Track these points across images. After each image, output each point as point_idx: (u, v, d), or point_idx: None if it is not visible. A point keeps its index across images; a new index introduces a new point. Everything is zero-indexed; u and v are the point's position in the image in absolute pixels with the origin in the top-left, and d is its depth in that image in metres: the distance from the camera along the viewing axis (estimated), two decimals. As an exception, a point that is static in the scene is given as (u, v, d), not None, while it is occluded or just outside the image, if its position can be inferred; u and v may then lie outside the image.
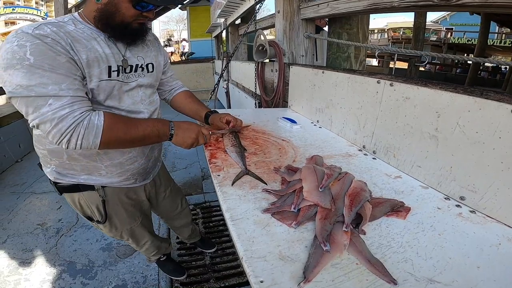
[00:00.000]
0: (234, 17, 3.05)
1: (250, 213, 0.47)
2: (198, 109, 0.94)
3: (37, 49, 0.51)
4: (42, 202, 2.06)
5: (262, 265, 0.35)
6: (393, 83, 0.71)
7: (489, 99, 0.50)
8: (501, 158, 0.48)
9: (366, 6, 1.02)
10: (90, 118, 0.55)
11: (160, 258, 1.34)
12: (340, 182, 0.53)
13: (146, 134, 0.63)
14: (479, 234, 0.45)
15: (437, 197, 0.57)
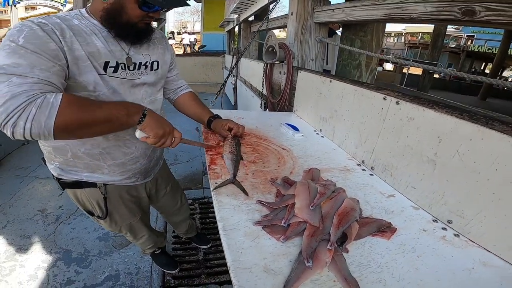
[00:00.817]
0: (248, 14, 3.07)
1: (242, 224, 0.51)
2: (202, 113, 0.97)
3: (33, 34, 0.52)
4: (44, 188, 2.17)
5: (247, 276, 0.40)
6: (400, 101, 0.73)
7: (493, 129, 0.52)
8: (493, 189, 0.51)
9: (383, 15, 1.03)
10: (46, 96, 0.49)
11: (155, 251, 1.42)
12: (332, 201, 0.56)
13: (112, 114, 0.56)
14: (456, 257, 0.49)
15: (425, 219, 0.61)
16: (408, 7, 0.93)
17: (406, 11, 0.94)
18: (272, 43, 1.58)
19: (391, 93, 0.77)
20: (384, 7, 1.03)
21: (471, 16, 0.75)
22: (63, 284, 1.33)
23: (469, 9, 0.75)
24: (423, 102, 0.68)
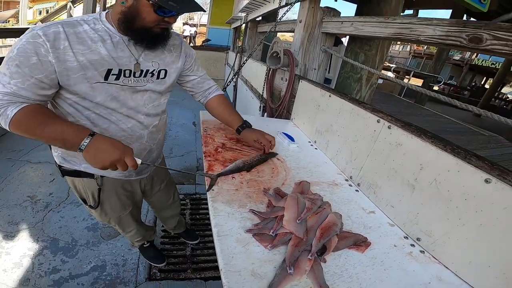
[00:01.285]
0: (256, 15, 3.10)
1: (235, 231, 0.58)
2: (230, 120, 0.99)
3: (24, 47, 0.61)
4: (35, 173, 2.17)
5: (236, 278, 0.47)
6: (391, 126, 0.79)
7: (469, 164, 0.59)
8: (460, 216, 0.59)
9: (391, 33, 1.07)
10: (7, 108, 0.62)
11: (143, 245, 1.49)
12: (317, 216, 0.64)
13: (50, 138, 0.64)
14: (417, 272, 0.57)
15: (398, 235, 0.69)
16: (418, 28, 0.96)
17: (415, 33, 0.97)
18: (278, 49, 1.62)
19: (385, 117, 0.84)
20: (393, 26, 1.06)
21: (476, 43, 0.79)
22: (48, 273, 1.36)
23: (477, 36, 0.78)
24: (413, 130, 0.74)
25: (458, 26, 0.83)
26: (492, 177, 0.55)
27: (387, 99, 4.80)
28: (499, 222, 0.53)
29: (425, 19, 0.94)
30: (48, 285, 1.30)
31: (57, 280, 1.33)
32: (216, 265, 1.56)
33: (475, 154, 0.62)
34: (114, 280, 1.37)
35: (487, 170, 0.56)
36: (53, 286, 1.30)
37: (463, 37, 0.81)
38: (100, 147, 0.63)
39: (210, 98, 1.01)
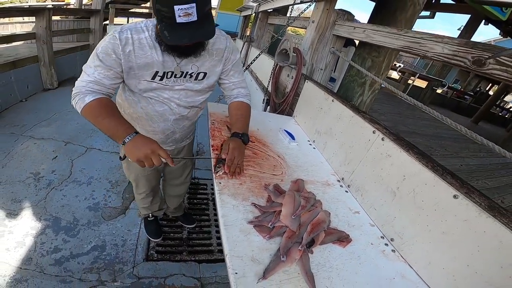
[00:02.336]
0: (268, 7, 3.06)
1: (238, 221, 0.70)
2: (234, 125, 1.02)
3: (105, 47, 0.82)
4: (38, 149, 2.23)
5: (238, 262, 0.59)
6: (385, 138, 0.89)
7: (444, 180, 0.70)
8: (428, 223, 0.72)
9: (401, 46, 1.11)
10: (86, 96, 0.81)
11: (148, 217, 1.64)
12: (310, 213, 0.76)
13: (105, 129, 0.79)
14: (386, 268, 0.71)
15: (375, 235, 0.82)
16: (427, 44, 1.00)
17: (423, 48, 1.01)
18: (287, 46, 1.68)
19: (381, 129, 0.93)
20: (404, 39, 1.10)
21: (479, 66, 0.82)
22: (50, 252, 1.44)
23: (480, 58, 0.81)
24: (402, 144, 0.84)
25: (467, 47, 0.86)
26: (460, 194, 0.66)
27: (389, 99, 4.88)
28: (457, 232, 0.65)
29: (436, 36, 0.98)
30: (50, 264, 1.38)
31: (58, 260, 1.41)
32: (210, 249, 1.72)
33: (451, 172, 0.74)
34: (113, 259, 1.48)
35: (457, 187, 0.68)
36: (54, 265, 1.38)
37: (468, 59, 0.85)
38: (136, 144, 0.76)
39: (232, 102, 1.10)
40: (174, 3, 0.66)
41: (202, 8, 0.69)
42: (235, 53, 1.01)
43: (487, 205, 0.63)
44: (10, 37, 2.98)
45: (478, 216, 0.62)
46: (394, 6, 1.64)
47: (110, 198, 1.90)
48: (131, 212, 1.83)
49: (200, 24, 0.71)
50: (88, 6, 7.46)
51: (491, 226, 0.59)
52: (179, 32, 0.71)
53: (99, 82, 0.83)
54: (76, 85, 0.84)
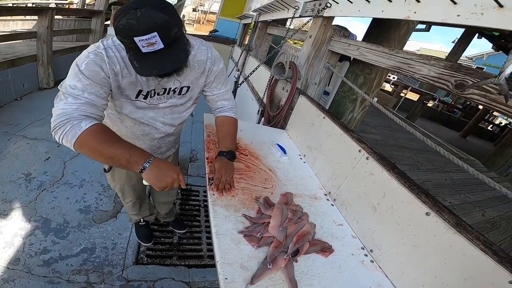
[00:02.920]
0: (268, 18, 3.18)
1: (230, 231, 0.76)
2: (221, 142, 1.03)
3: (91, 63, 0.72)
4: (31, 149, 2.23)
5: (228, 269, 0.65)
6: (369, 158, 0.97)
7: (419, 199, 0.77)
8: (403, 236, 0.80)
9: (391, 65, 1.18)
10: (81, 121, 0.68)
11: (139, 222, 1.66)
12: (296, 225, 0.83)
13: (114, 156, 0.70)
14: (364, 277, 0.78)
15: (356, 246, 0.89)
16: (416, 65, 1.06)
17: (412, 69, 1.07)
18: (283, 60, 1.77)
19: (366, 148, 1.01)
20: (394, 59, 1.16)
21: (460, 90, 0.86)
22: (38, 253, 1.45)
23: (462, 83, 0.86)
24: (385, 164, 0.92)
25: (451, 70, 0.92)
26: (432, 211, 0.74)
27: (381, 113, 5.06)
28: (427, 246, 0.73)
29: (425, 57, 1.05)
30: (38, 265, 1.39)
31: (46, 261, 1.42)
32: (200, 254, 1.76)
33: (425, 192, 0.82)
34: (103, 262, 1.50)
35: (430, 206, 0.76)
36: (42, 266, 1.39)
37: (451, 82, 0.90)
38: (160, 170, 0.74)
39: (218, 116, 1.10)
40: (133, 35, 0.63)
41: (166, 34, 0.65)
42: (218, 64, 0.98)
43: (454, 222, 0.71)
44: (11, 36, 3.00)
45: (446, 232, 0.69)
46: (389, 25, 1.76)
47: (102, 201, 1.92)
48: (122, 216, 1.85)
49: (169, 51, 0.68)
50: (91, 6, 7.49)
51: (457, 241, 0.67)
52: (148, 62, 0.67)
53: (92, 104, 0.72)
54: (60, 111, 0.68)
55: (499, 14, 0.76)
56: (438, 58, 1.02)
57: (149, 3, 0.63)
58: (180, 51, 0.72)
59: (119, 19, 0.64)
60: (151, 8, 0.63)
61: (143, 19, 0.62)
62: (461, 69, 0.90)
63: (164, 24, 0.64)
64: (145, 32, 0.63)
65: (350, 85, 1.48)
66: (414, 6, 1.02)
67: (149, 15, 0.62)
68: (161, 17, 0.63)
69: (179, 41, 0.71)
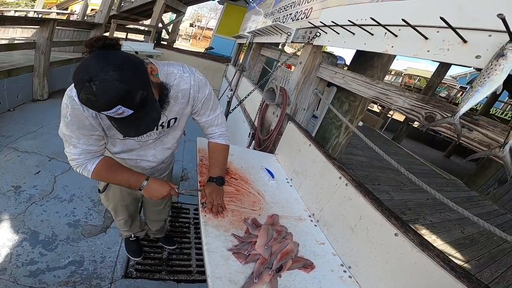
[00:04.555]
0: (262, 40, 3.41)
1: (220, 249, 0.85)
2: (211, 168, 1.11)
3: (73, 112, 0.77)
4: (22, 163, 2.25)
5: (218, 282, 0.74)
6: (348, 184, 1.09)
7: (389, 221, 0.89)
8: (376, 254, 0.91)
9: (372, 96, 1.29)
10: (86, 165, 0.90)
11: (130, 237, 1.72)
12: (280, 244, 0.93)
13: (121, 183, 0.95)
14: None
15: (336, 263, 0.99)
16: (392, 96, 1.16)
17: (389, 100, 1.16)
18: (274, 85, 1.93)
19: (346, 175, 1.13)
20: (374, 89, 1.27)
21: (429, 122, 0.93)
22: (25, 264, 1.46)
23: (431, 115, 0.93)
24: (361, 190, 1.03)
25: (422, 102, 1.01)
26: (400, 232, 0.86)
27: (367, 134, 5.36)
28: (396, 263, 0.84)
29: (400, 90, 1.16)
30: (24, 275, 1.41)
31: (33, 271, 1.44)
32: (189, 269, 1.80)
33: (395, 215, 0.94)
34: (91, 275, 1.52)
35: (398, 227, 0.88)
36: (28, 277, 1.41)
37: (422, 114, 0.99)
38: (154, 188, 0.95)
39: (210, 142, 1.15)
40: (98, 110, 0.65)
41: (130, 103, 0.64)
42: (203, 90, 0.96)
43: (418, 242, 0.82)
44: (10, 46, 3.08)
45: (411, 250, 0.81)
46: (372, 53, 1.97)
47: (91, 216, 1.95)
48: (112, 230, 1.88)
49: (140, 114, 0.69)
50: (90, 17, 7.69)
51: (420, 259, 0.77)
52: (124, 125, 0.71)
53: (88, 151, 0.87)
54: (69, 157, 0.88)
55: (463, 50, 0.86)
56: (411, 91, 1.14)
57: (103, 70, 0.60)
58: (152, 111, 0.72)
59: (78, 91, 0.62)
60: (106, 78, 0.59)
61: (100, 95, 0.60)
62: (430, 101, 1.01)
63: (124, 96, 0.62)
64: (108, 107, 0.62)
65: (336, 112, 1.64)
66: (391, 41, 1.16)
67: (106, 89, 0.60)
68: (119, 89, 0.60)
69: (148, 101, 0.70)
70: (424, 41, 1.00)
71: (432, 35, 0.98)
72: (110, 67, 0.61)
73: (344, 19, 1.40)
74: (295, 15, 2.33)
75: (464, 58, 0.86)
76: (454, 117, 0.86)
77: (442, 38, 0.94)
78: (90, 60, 0.62)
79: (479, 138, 0.87)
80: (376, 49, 1.27)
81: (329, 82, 1.99)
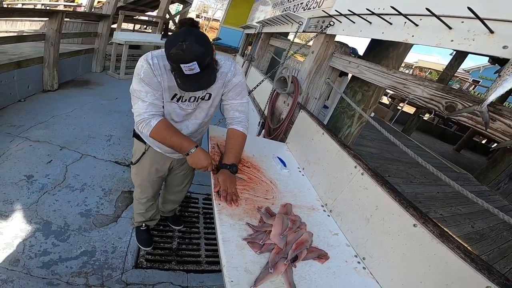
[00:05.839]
0: (271, 30, 3.32)
1: (235, 238, 0.84)
2: (226, 154, 1.15)
3: (146, 71, 0.98)
4: (34, 152, 2.27)
5: (234, 272, 0.72)
6: (364, 173, 1.06)
7: (407, 212, 0.86)
8: (393, 245, 0.88)
9: (388, 85, 1.26)
10: (150, 120, 1.02)
11: (141, 226, 1.74)
12: (295, 234, 0.91)
13: (174, 144, 1.06)
14: (356, 283, 0.86)
15: (350, 254, 0.98)
16: (410, 86, 1.12)
17: (407, 89, 1.13)
18: (286, 75, 1.88)
19: (361, 164, 1.09)
20: (391, 78, 1.23)
21: (450, 111, 0.92)
22: (38, 255, 1.47)
23: (452, 105, 0.92)
24: (378, 180, 1.00)
25: (443, 92, 0.99)
26: (419, 223, 0.84)
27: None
28: (414, 254, 0.82)
29: (419, 79, 1.12)
30: (37, 267, 1.42)
31: (46, 262, 1.45)
32: (198, 259, 1.82)
33: (414, 205, 0.91)
34: (102, 265, 1.54)
35: (417, 218, 0.85)
36: (41, 268, 1.42)
37: (442, 104, 0.98)
38: (199, 157, 1.07)
39: (229, 128, 1.22)
40: (180, 62, 0.86)
41: (202, 63, 0.87)
42: (238, 77, 1.14)
43: (438, 233, 0.80)
44: (20, 37, 3.09)
45: (430, 241, 0.78)
46: (388, 43, 1.88)
47: (103, 205, 1.97)
48: (123, 220, 1.90)
49: (203, 74, 0.90)
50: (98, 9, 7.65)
51: (440, 250, 0.75)
52: (187, 81, 0.91)
53: (154, 105, 1.02)
54: (136, 112, 1.02)
55: (489, 41, 0.84)
56: (431, 80, 1.10)
57: (191, 37, 0.85)
58: (211, 74, 0.94)
59: (170, 48, 0.86)
60: (193, 41, 0.85)
61: (187, 50, 0.84)
62: (451, 91, 0.98)
63: (201, 55, 0.86)
64: (188, 61, 0.85)
65: (349, 101, 1.59)
66: (412, 30, 1.12)
67: (191, 48, 0.85)
68: (200, 49, 0.86)
69: (210, 66, 0.92)
70: (447, 30, 0.97)
71: (456, 25, 0.94)
72: (196, 37, 0.87)
73: (361, 8, 1.36)
74: (307, 4, 2.26)
75: (491, 48, 0.84)
76: (482, 105, 0.84)
77: (467, 28, 0.91)
78: (183, 32, 0.88)
79: (502, 128, 0.85)
80: (395, 38, 1.23)
81: (341, 72, 1.93)
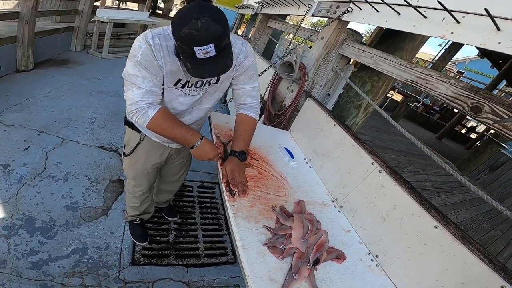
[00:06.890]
0: (272, 12, 3.09)
1: (254, 244, 0.78)
2: (235, 141, 1.07)
3: (145, 52, 0.81)
4: (9, 138, 2.03)
5: (259, 283, 0.67)
6: (381, 171, 1.02)
7: (429, 213, 0.84)
8: (409, 244, 0.87)
9: (407, 79, 1.18)
10: (147, 110, 0.87)
11: (134, 221, 1.63)
12: (315, 236, 0.87)
13: (176, 137, 0.93)
14: (371, 281, 0.85)
15: (363, 252, 0.97)
16: (433, 82, 1.06)
17: (429, 86, 1.07)
18: (292, 60, 1.75)
19: (379, 161, 1.05)
20: (412, 73, 1.15)
21: (475, 113, 0.89)
22: (25, 255, 1.35)
23: (478, 106, 0.88)
24: (397, 179, 0.97)
25: (470, 92, 0.94)
26: (440, 225, 0.82)
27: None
28: (432, 254, 0.81)
29: (444, 76, 1.06)
30: (26, 268, 1.30)
31: (35, 263, 1.33)
32: (197, 253, 1.77)
33: (435, 207, 0.89)
34: (97, 263, 1.44)
35: (438, 219, 0.84)
36: (31, 269, 1.30)
37: (468, 104, 0.93)
38: (205, 149, 0.97)
39: (239, 113, 1.12)
40: (194, 45, 0.71)
41: (220, 45, 0.73)
42: (250, 58, 1.02)
43: (460, 235, 0.79)
44: None
45: (451, 243, 0.78)
46: (404, 35, 1.78)
47: (90, 197, 1.83)
48: (113, 213, 1.78)
49: (219, 58, 0.75)
50: None
51: (460, 251, 0.75)
52: (200, 66, 0.75)
53: (152, 92, 0.87)
54: (130, 100, 0.87)
55: None
56: (456, 79, 1.04)
57: (207, 13, 0.69)
58: (227, 58, 0.79)
59: (181, 27, 0.70)
60: (210, 19, 0.69)
61: (203, 30, 0.69)
62: (479, 92, 0.94)
63: (220, 36, 0.71)
64: (204, 43, 0.70)
65: (359, 91, 1.51)
66: (452, 26, 1.02)
67: (208, 27, 0.69)
68: (218, 29, 0.70)
69: (226, 51, 0.78)
70: (495, 32, 0.89)
71: (507, 27, 0.86)
72: (212, 13, 0.70)
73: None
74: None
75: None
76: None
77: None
78: (194, 6, 0.71)
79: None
80: (429, 33, 1.13)
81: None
